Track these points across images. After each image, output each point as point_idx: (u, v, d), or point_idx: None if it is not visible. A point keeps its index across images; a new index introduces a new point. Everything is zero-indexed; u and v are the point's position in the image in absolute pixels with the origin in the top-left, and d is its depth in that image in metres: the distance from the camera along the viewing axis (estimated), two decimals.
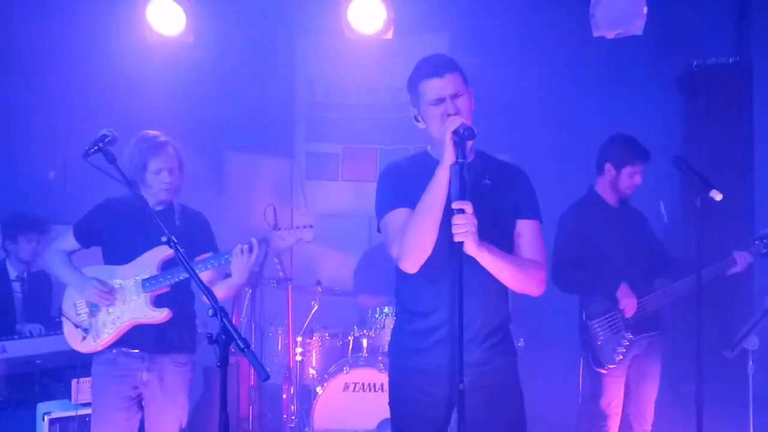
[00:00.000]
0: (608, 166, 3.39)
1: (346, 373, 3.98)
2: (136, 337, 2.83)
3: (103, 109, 4.54)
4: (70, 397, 3.44)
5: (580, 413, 3.46)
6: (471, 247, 2.06)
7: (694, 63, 4.65)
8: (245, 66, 5.08)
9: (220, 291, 2.85)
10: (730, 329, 3.65)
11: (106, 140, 2.47)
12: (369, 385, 3.96)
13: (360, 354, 4.23)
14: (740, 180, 4.52)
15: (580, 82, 4.83)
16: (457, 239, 2.04)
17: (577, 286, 3.33)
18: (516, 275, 2.18)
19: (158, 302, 2.84)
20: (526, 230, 2.26)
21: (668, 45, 4.72)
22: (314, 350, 4.41)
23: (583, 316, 3.31)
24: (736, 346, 3.52)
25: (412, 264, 2.18)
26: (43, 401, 3.59)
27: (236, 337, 1.96)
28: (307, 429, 4.07)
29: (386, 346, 4.22)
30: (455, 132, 2.07)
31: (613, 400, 3.28)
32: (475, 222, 2.04)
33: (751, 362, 3.53)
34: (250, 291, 4.39)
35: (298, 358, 4.33)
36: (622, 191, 3.40)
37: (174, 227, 2.84)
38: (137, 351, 2.83)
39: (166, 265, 2.83)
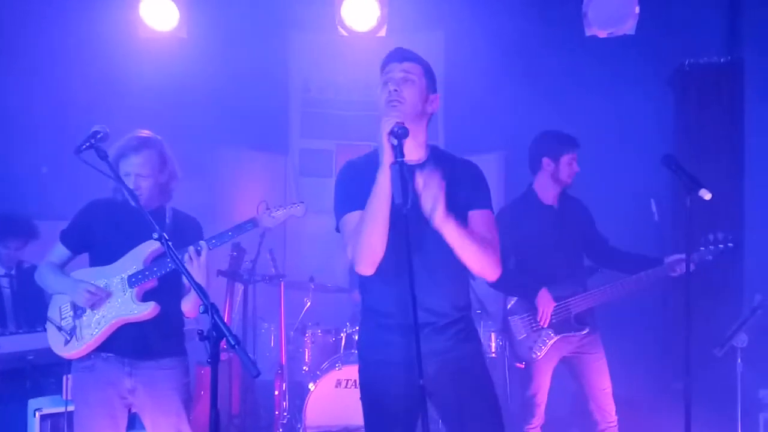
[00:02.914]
0: (546, 160, 3.41)
1: (339, 370, 3.99)
2: (114, 341, 2.68)
3: (96, 104, 4.53)
4: (61, 393, 3.42)
5: (519, 403, 3.52)
6: (439, 215, 2.10)
7: (686, 62, 4.66)
8: (239, 62, 5.07)
9: (187, 304, 2.75)
10: (719, 327, 3.68)
11: (98, 136, 2.43)
12: None
13: (352, 350, 4.24)
14: (731, 179, 4.55)
15: (572, 81, 4.85)
16: (426, 205, 2.08)
17: (502, 284, 3.27)
18: (478, 252, 2.21)
19: (145, 299, 2.72)
20: (478, 219, 2.31)
21: (660, 44, 4.74)
22: (307, 347, 4.42)
23: (506, 311, 3.39)
24: (725, 343, 3.55)
25: (366, 267, 2.24)
26: (34, 397, 3.55)
27: (227, 333, 1.94)
28: (299, 425, 4.08)
29: None
30: (391, 132, 2.09)
31: (539, 390, 3.35)
32: (443, 184, 2.08)
33: (739, 360, 3.56)
34: (243, 287, 4.40)
35: (291, 354, 4.35)
36: (564, 181, 3.42)
37: (163, 227, 2.71)
38: (112, 355, 2.68)
39: (154, 260, 2.72)
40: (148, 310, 2.68)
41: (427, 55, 5.35)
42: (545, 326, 3.30)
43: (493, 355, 4.33)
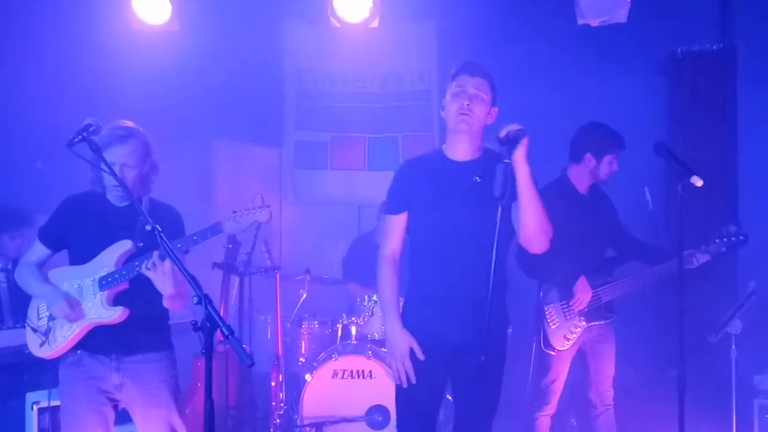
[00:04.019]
0: (588, 155, 3.43)
1: (335, 361, 4.00)
2: (98, 338, 2.66)
3: (89, 98, 4.52)
4: (60, 387, 3.44)
5: (528, 389, 3.57)
6: (521, 153, 2.39)
7: (679, 50, 4.67)
8: (232, 55, 5.06)
9: (167, 299, 2.63)
10: (713, 313, 3.71)
11: (90, 129, 2.43)
12: (358, 372, 3.98)
13: (349, 341, 4.25)
14: (724, 166, 4.56)
15: (565, 70, 4.84)
16: (512, 133, 2.38)
17: (539, 271, 3.39)
18: (538, 208, 2.48)
19: (119, 301, 2.66)
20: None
21: (653, 32, 4.73)
22: (303, 338, 4.44)
23: (540, 300, 3.41)
24: (720, 330, 3.58)
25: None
26: (32, 391, 3.55)
27: (221, 324, 1.96)
28: (296, 416, 4.10)
29: (375, 334, 4.27)
30: (507, 135, 2.39)
31: (557, 378, 3.41)
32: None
33: (734, 346, 3.60)
34: (239, 279, 4.41)
35: (287, 345, 4.36)
36: (601, 178, 3.47)
37: (137, 223, 2.60)
38: (99, 354, 2.66)
39: (126, 262, 2.65)
40: (116, 314, 2.64)
41: (420, 46, 5.35)
42: (582, 309, 3.35)
43: None
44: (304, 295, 4.51)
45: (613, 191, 3.62)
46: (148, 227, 2.24)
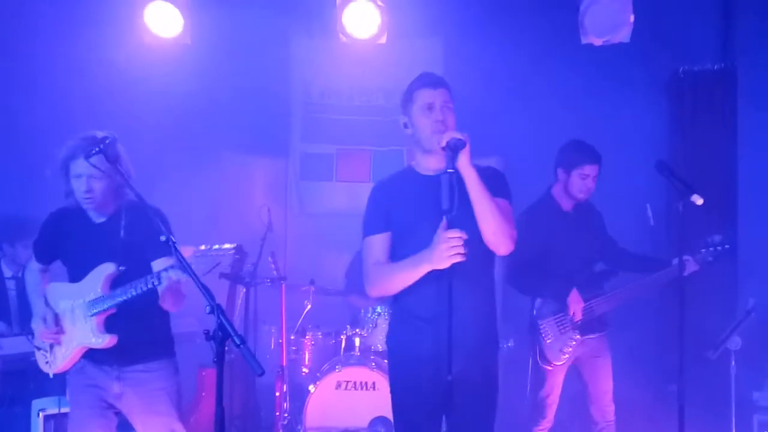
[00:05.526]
0: (559, 170, 3.49)
1: (339, 372, 4.03)
2: (100, 351, 2.67)
3: (101, 109, 4.57)
4: (65, 394, 3.45)
5: (526, 403, 3.59)
6: (464, 160, 2.33)
7: (681, 69, 4.72)
8: (242, 68, 5.12)
9: (166, 301, 2.64)
10: (713, 330, 3.74)
11: (107, 141, 2.49)
12: (361, 383, 4.01)
13: (352, 353, 4.28)
14: (725, 184, 4.60)
15: (569, 88, 4.90)
16: (452, 141, 2.31)
17: (531, 288, 3.45)
18: (494, 211, 2.39)
19: (110, 323, 2.64)
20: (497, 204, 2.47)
21: (655, 52, 4.80)
22: (307, 349, 4.46)
23: (534, 315, 3.44)
24: (719, 346, 3.60)
25: (379, 297, 2.59)
26: (38, 398, 3.58)
27: (232, 333, 2.00)
28: (299, 427, 4.12)
29: (378, 345, 4.30)
30: (447, 144, 2.31)
31: (551, 392, 3.44)
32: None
33: (733, 362, 3.62)
34: (244, 290, 4.45)
35: (291, 356, 4.39)
36: (574, 195, 3.47)
37: (117, 241, 2.61)
38: (104, 365, 2.69)
39: (114, 284, 2.61)
40: (105, 341, 2.64)
41: (426, 61, 5.44)
42: (576, 323, 3.37)
43: None
44: (309, 306, 4.54)
45: (615, 207, 3.68)
46: (163, 238, 2.28)
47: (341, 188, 5.59)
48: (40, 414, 3.47)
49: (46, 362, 2.81)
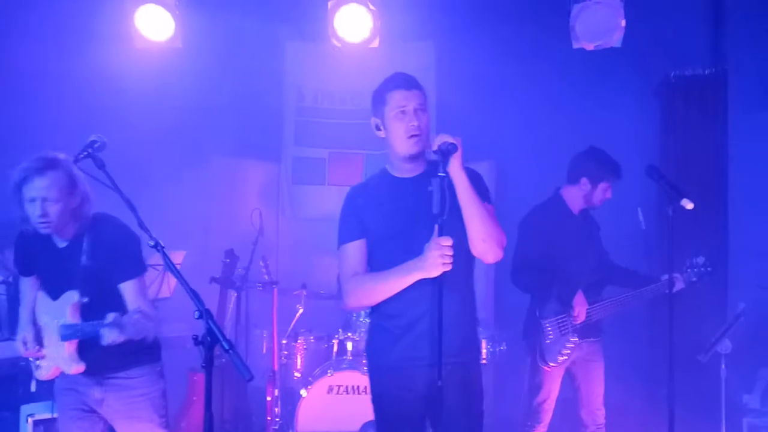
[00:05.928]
0: (584, 180, 3.52)
1: (331, 376, 4.03)
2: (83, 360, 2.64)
3: (92, 114, 4.55)
4: (54, 399, 3.45)
5: (521, 407, 3.60)
6: (455, 164, 2.29)
7: (672, 74, 4.76)
8: (234, 72, 5.12)
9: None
10: (703, 333, 3.76)
11: (96, 145, 2.46)
12: (353, 387, 4.01)
13: (344, 357, 4.28)
14: (715, 189, 4.63)
15: (560, 92, 4.93)
16: (444, 146, 2.26)
17: (536, 287, 3.46)
18: (483, 216, 2.34)
19: (83, 347, 2.58)
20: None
21: (646, 56, 4.83)
22: (299, 353, 4.46)
23: (536, 314, 3.45)
24: (710, 349, 3.62)
25: (357, 309, 2.46)
26: (27, 403, 3.58)
27: (221, 338, 1.99)
28: (291, 431, 4.12)
29: None
30: (439, 148, 2.27)
31: (548, 396, 3.45)
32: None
33: (723, 366, 3.64)
34: (236, 294, 4.44)
35: (283, 360, 4.38)
36: (593, 204, 3.56)
37: (79, 269, 2.54)
38: (87, 373, 2.64)
39: (82, 312, 2.56)
40: (72, 369, 2.60)
41: (418, 65, 5.44)
42: (576, 325, 3.39)
43: (484, 361, 4.38)
44: (301, 310, 4.53)
45: (607, 212, 3.69)
46: (151, 243, 2.28)
47: (333, 192, 5.58)
48: (29, 419, 3.47)
49: (36, 368, 2.81)
